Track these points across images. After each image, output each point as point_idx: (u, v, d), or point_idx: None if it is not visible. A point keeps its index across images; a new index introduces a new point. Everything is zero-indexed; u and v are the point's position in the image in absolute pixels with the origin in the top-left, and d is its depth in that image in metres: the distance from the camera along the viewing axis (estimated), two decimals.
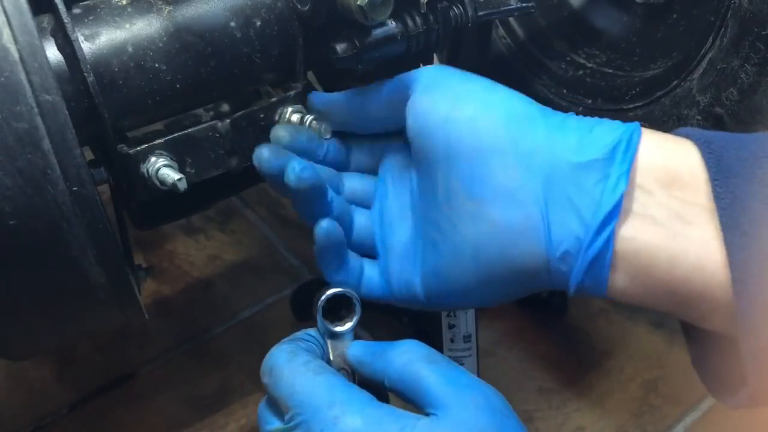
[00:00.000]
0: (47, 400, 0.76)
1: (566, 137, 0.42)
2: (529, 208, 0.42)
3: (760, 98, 0.61)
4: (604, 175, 0.40)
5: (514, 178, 0.42)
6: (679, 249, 0.38)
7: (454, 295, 0.49)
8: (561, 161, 0.41)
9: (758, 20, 0.59)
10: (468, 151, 0.44)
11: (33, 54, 0.42)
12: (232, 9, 0.53)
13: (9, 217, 0.42)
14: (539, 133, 0.43)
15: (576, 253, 0.41)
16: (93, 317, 0.52)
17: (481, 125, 0.43)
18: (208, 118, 0.55)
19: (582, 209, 0.40)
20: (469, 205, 0.44)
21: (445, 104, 0.45)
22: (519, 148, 0.42)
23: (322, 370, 0.46)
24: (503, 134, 0.42)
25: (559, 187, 0.41)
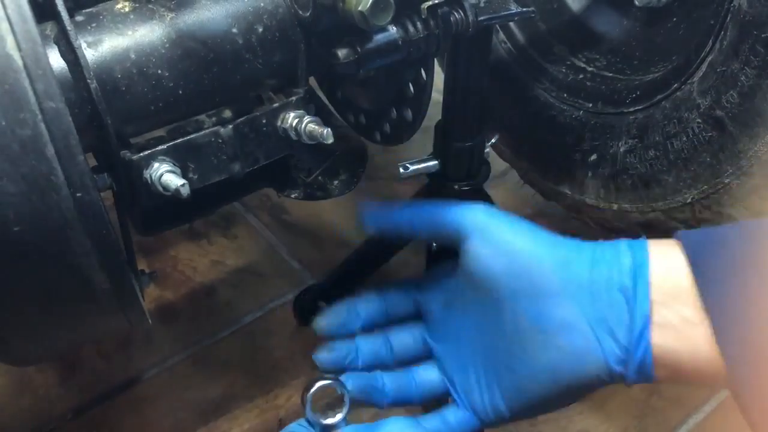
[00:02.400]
0: (51, 405, 0.76)
1: (599, 270, 0.52)
2: (585, 333, 0.52)
3: (760, 101, 0.61)
4: (633, 298, 0.51)
5: (569, 312, 0.52)
6: (694, 348, 0.50)
7: (535, 407, 0.56)
8: (599, 292, 0.52)
9: (758, 23, 0.59)
10: (528, 294, 0.53)
11: (36, 61, 0.42)
12: (234, 15, 0.54)
13: (13, 223, 0.43)
14: (580, 271, 0.53)
15: (626, 360, 0.51)
16: (96, 323, 0.52)
17: (535, 274, 0.53)
18: (211, 123, 0.56)
19: (622, 327, 0.51)
20: (537, 336, 0.53)
21: (503, 257, 0.54)
22: (567, 288, 0.53)
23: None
24: (555, 279, 0.53)
25: (602, 311, 0.52)
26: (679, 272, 0.50)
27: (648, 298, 0.51)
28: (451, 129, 0.68)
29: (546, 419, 0.74)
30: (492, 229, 0.55)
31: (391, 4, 0.49)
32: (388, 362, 0.61)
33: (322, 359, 0.60)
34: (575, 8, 0.82)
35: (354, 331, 0.61)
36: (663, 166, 0.70)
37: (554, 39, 0.82)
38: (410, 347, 0.62)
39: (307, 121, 0.56)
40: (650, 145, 0.71)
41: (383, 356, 0.61)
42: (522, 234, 0.55)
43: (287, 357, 0.81)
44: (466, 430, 0.59)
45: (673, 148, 0.69)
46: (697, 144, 0.67)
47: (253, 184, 0.65)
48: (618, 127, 0.74)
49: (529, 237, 0.54)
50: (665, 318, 0.50)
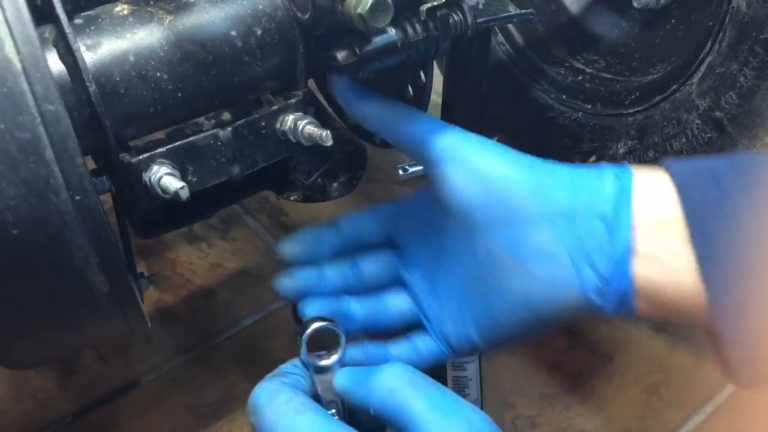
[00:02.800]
0: (50, 409, 0.76)
1: (579, 195, 0.50)
2: (563, 261, 0.49)
3: (759, 102, 0.61)
4: (615, 225, 0.48)
5: (546, 240, 0.50)
6: (678, 279, 0.47)
7: (509, 337, 0.54)
8: (579, 217, 0.49)
9: (756, 24, 0.59)
10: (504, 221, 0.51)
11: (35, 64, 0.42)
12: (233, 18, 0.54)
13: (12, 226, 0.42)
14: (559, 196, 0.50)
15: (606, 290, 0.49)
16: (96, 326, 0.52)
17: (511, 200, 0.50)
18: (210, 126, 0.56)
19: (602, 256, 0.49)
20: (511, 264, 0.51)
21: (478, 182, 0.51)
22: (545, 214, 0.50)
23: (304, 409, 0.47)
24: (532, 205, 0.50)
25: (581, 239, 0.49)
26: (665, 201, 0.48)
27: (630, 226, 0.48)
28: None
29: (546, 421, 0.74)
30: (465, 153, 0.52)
31: (390, 6, 0.49)
32: (357, 289, 0.58)
33: (283, 286, 0.57)
34: (574, 10, 0.82)
35: (320, 257, 0.58)
36: None
37: (553, 41, 0.82)
38: (381, 274, 0.59)
39: (307, 123, 0.56)
40: (649, 146, 0.71)
41: (352, 283, 0.58)
42: (498, 157, 0.52)
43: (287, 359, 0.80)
44: (436, 358, 0.56)
45: (672, 149, 0.69)
46: (696, 145, 0.67)
47: (253, 186, 0.65)
48: (617, 128, 0.74)
49: (506, 160, 0.51)
50: (648, 247, 0.48)
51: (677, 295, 0.47)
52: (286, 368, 0.52)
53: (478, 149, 0.52)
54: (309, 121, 0.56)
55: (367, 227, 0.60)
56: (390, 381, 0.47)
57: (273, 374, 0.52)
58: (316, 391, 0.51)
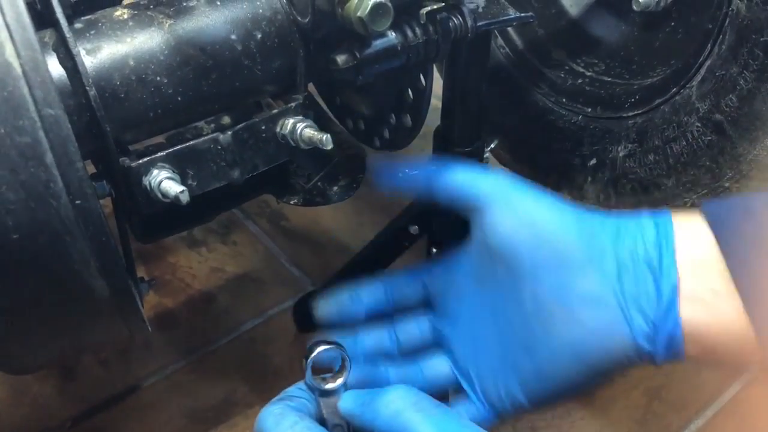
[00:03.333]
0: (50, 414, 0.76)
1: (624, 242, 0.50)
2: (611, 307, 0.49)
3: (759, 104, 0.61)
4: (659, 270, 0.49)
5: (594, 286, 0.50)
6: (725, 320, 0.47)
7: (556, 393, 0.53)
8: (625, 264, 0.50)
9: (756, 27, 0.59)
10: (552, 267, 0.51)
11: (35, 68, 0.42)
12: (233, 22, 0.54)
13: (12, 230, 0.42)
14: (606, 243, 0.51)
15: (654, 336, 0.49)
16: (96, 330, 0.52)
17: (560, 245, 0.51)
18: (210, 130, 0.56)
19: (650, 301, 0.49)
20: (559, 311, 0.50)
21: (526, 227, 0.51)
22: (593, 261, 0.50)
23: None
24: (580, 252, 0.50)
25: (628, 284, 0.49)
26: (704, 243, 0.48)
27: (675, 270, 0.48)
28: (450, 134, 0.68)
29: (547, 425, 0.74)
30: (513, 198, 0.52)
31: (390, 9, 0.49)
32: (392, 353, 0.57)
33: (321, 317, 0.57)
34: (573, 13, 0.82)
35: (356, 319, 0.58)
36: (662, 170, 0.70)
37: (553, 44, 0.82)
38: (417, 336, 0.58)
39: (306, 126, 0.56)
40: (650, 149, 0.71)
41: (387, 347, 0.57)
42: (545, 204, 0.52)
43: (287, 364, 0.80)
44: (480, 424, 0.53)
45: (672, 152, 0.69)
46: (697, 148, 0.67)
47: (253, 190, 0.65)
48: (617, 131, 0.74)
49: (553, 207, 0.52)
50: (693, 291, 0.48)
51: (725, 336, 0.48)
52: (292, 392, 0.52)
53: (525, 194, 0.53)
54: (309, 124, 0.56)
55: (404, 285, 0.60)
56: (395, 403, 0.47)
57: (278, 398, 0.52)
58: (321, 414, 0.51)
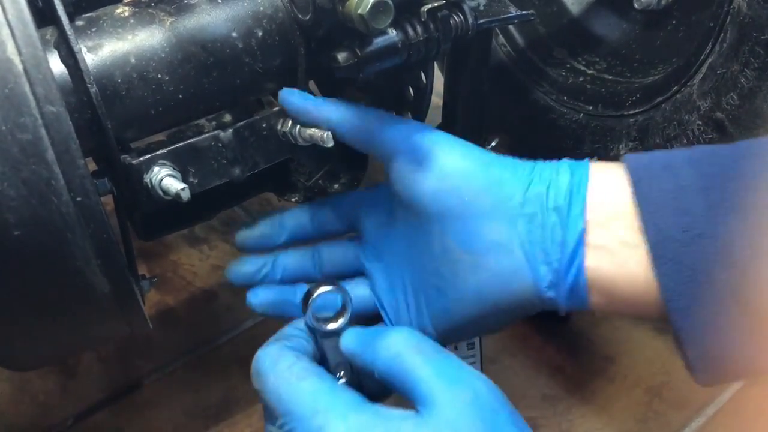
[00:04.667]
0: (52, 411, 0.76)
1: (534, 189, 0.50)
2: (516, 254, 0.50)
3: (760, 103, 0.61)
4: (567, 217, 0.49)
5: (500, 233, 0.50)
6: (630, 272, 0.47)
7: (463, 330, 0.54)
8: (533, 212, 0.50)
9: (757, 25, 0.59)
10: (458, 214, 0.51)
11: (37, 65, 0.42)
12: (234, 19, 0.54)
13: (13, 227, 0.43)
14: (514, 191, 0.50)
15: (558, 283, 0.49)
16: (97, 327, 0.52)
17: (465, 193, 0.51)
18: (211, 128, 0.56)
19: (554, 248, 0.49)
20: (466, 257, 0.51)
21: (432, 176, 0.51)
22: (499, 208, 0.50)
23: (306, 374, 0.47)
24: (486, 199, 0.50)
25: (534, 231, 0.49)
26: (620, 194, 0.48)
27: (582, 218, 0.48)
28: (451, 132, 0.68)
29: (547, 423, 0.74)
30: (420, 147, 0.52)
31: (390, 7, 0.49)
32: (314, 276, 0.58)
33: (234, 272, 0.57)
34: (574, 11, 0.82)
35: (279, 245, 0.58)
36: None
37: (554, 42, 0.82)
38: (341, 262, 0.59)
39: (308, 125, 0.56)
40: (650, 147, 0.71)
41: (309, 270, 0.58)
42: (453, 151, 0.52)
43: None
44: None
45: None
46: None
47: (254, 188, 0.65)
48: (618, 129, 0.74)
49: (461, 155, 0.52)
50: (601, 239, 0.48)
51: (630, 289, 0.47)
52: (288, 331, 0.52)
53: (431, 143, 0.52)
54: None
55: (330, 216, 0.60)
56: (396, 346, 0.46)
57: (275, 338, 0.52)
58: (321, 354, 0.51)
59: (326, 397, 0.45)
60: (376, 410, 0.44)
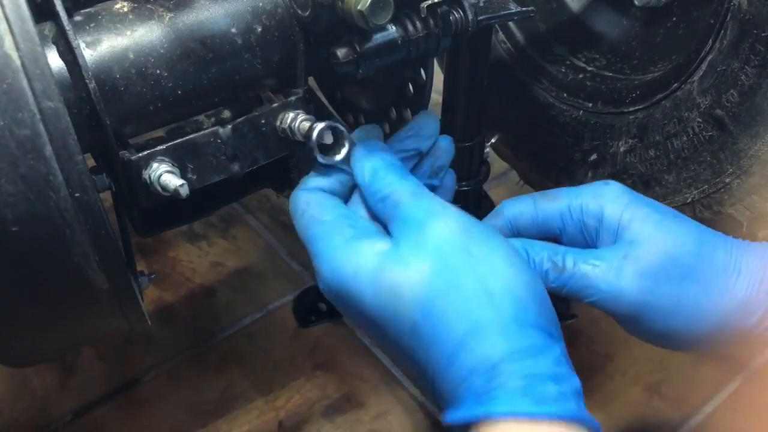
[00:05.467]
0: (51, 407, 0.76)
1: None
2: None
3: (760, 100, 0.61)
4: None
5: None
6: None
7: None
8: None
9: (758, 22, 0.59)
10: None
11: (35, 61, 0.42)
12: (233, 15, 0.53)
13: (11, 223, 0.42)
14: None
15: None
16: (95, 324, 0.52)
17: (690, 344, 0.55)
18: (210, 124, 0.55)
19: None
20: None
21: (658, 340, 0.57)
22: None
23: (330, 208, 0.53)
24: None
25: None
26: None
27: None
28: (450, 129, 0.68)
29: None
30: (645, 321, 0.54)
31: (390, 3, 0.49)
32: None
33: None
34: (575, 8, 0.82)
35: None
36: (663, 165, 0.70)
37: (554, 39, 0.82)
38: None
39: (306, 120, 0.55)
40: (650, 144, 0.71)
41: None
42: (680, 325, 0.53)
43: (287, 358, 0.81)
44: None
45: (673, 147, 0.69)
46: (698, 143, 0.66)
47: (253, 184, 0.65)
48: (618, 126, 0.74)
49: (686, 327, 0.53)
50: None
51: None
52: (315, 182, 0.55)
53: (659, 316, 0.53)
54: (309, 118, 0.55)
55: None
56: (392, 185, 0.51)
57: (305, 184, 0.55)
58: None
59: (347, 220, 0.51)
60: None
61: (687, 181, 0.68)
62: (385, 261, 0.48)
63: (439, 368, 0.46)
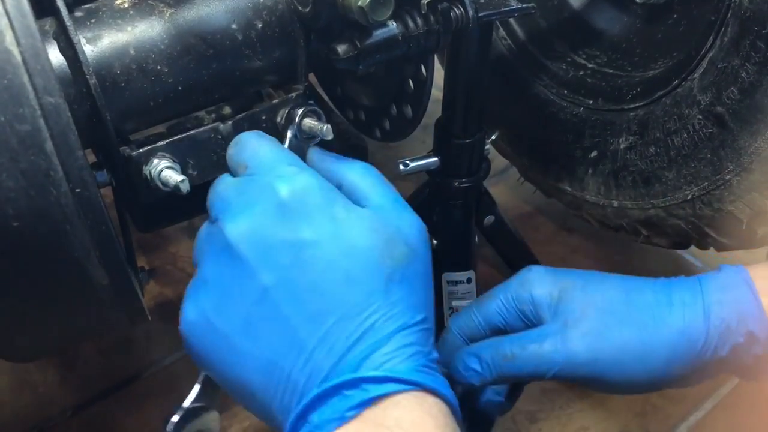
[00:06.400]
0: (51, 403, 0.76)
1: (720, 350, 0.53)
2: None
3: (761, 97, 0.61)
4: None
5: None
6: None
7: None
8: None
9: (758, 19, 0.59)
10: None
11: (36, 56, 0.42)
12: (234, 11, 0.53)
13: (12, 219, 0.42)
14: (697, 362, 0.54)
15: None
16: (96, 319, 0.52)
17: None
18: (210, 120, 0.55)
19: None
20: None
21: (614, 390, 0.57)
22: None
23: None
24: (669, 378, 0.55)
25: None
26: None
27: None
28: (451, 126, 0.68)
29: (546, 417, 0.74)
30: (600, 377, 0.54)
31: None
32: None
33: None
34: (575, 5, 0.81)
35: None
36: (663, 162, 0.70)
37: (554, 35, 0.82)
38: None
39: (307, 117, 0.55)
40: (650, 141, 0.71)
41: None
42: (632, 371, 0.54)
43: None
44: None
45: (673, 144, 0.69)
46: (698, 140, 0.66)
47: None
48: (618, 123, 0.74)
49: (641, 370, 0.54)
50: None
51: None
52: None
53: (612, 370, 0.54)
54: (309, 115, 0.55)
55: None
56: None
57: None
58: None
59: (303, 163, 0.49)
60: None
61: (687, 178, 0.68)
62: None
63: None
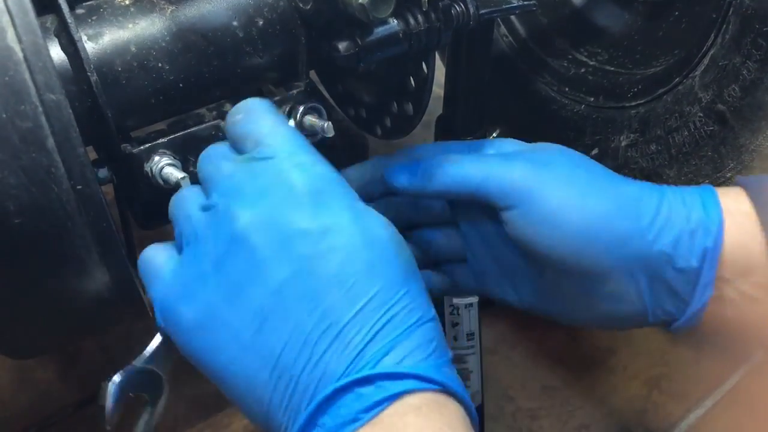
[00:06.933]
0: (52, 399, 0.76)
1: (663, 245, 0.50)
2: (636, 304, 0.52)
3: (762, 95, 0.61)
4: (696, 284, 0.50)
5: (619, 288, 0.51)
6: (749, 323, 0.50)
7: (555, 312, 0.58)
8: (660, 267, 0.50)
9: (760, 17, 0.59)
10: (577, 273, 0.52)
11: (37, 53, 0.42)
12: (235, 8, 0.54)
13: (13, 215, 0.43)
14: (640, 248, 0.50)
15: (673, 323, 0.53)
16: (97, 316, 0.52)
17: (586, 256, 0.51)
18: (211, 117, 0.56)
19: (677, 307, 0.52)
20: (582, 299, 0.54)
21: (550, 233, 0.51)
22: (622, 268, 0.51)
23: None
24: (608, 260, 0.51)
25: (658, 290, 0.51)
26: (752, 249, 0.49)
27: (711, 287, 0.50)
28: (452, 123, 0.68)
29: (547, 414, 0.75)
30: (537, 198, 0.51)
31: None
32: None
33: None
34: (577, 2, 0.81)
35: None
36: (664, 160, 0.70)
37: (556, 33, 0.81)
38: (444, 247, 0.61)
39: (308, 114, 0.56)
40: (652, 139, 0.71)
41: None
42: (572, 201, 0.51)
43: None
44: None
45: (674, 142, 0.69)
46: (699, 138, 0.66)
47: None
48: (619, 121, 0.74)
49: (580, 206, 0.51)
50: (727, 293, 0.50)
51: (747, 337, 0.51)
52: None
53: (551, 190, 0.52)
54: (310, 112, 0.56)
55: (437, 208, 0.62)
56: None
57: None
58: None
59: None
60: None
61: (688, 175, 0.68)
62: None
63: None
